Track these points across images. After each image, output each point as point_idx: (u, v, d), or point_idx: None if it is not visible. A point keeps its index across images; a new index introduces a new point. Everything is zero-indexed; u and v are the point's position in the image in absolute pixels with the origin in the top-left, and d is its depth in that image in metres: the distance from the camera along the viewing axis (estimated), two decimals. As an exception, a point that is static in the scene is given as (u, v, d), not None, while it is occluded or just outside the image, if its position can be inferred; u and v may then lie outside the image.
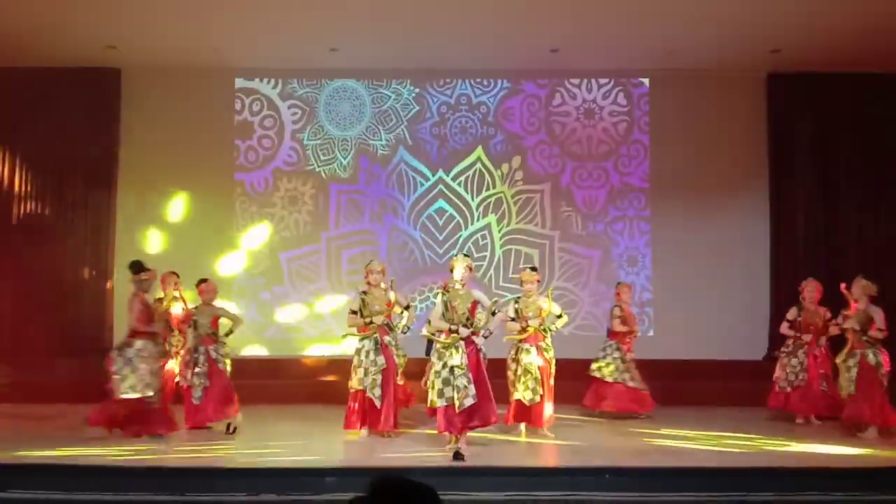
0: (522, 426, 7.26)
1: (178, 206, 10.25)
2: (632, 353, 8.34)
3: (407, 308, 8.46)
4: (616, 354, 8.24)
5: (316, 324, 10.21)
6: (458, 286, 6.61)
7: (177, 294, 7.86)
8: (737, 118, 10.41)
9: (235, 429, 7.32)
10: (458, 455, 6.08)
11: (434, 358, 6.54)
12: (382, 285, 7.37)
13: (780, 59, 9.76)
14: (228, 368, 7.43)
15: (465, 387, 6.22)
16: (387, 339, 7.20)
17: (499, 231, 10.41)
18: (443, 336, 6.52)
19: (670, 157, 10.33)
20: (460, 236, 10.39)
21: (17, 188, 10.05)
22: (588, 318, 10.11)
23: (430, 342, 8.10)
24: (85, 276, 10.05)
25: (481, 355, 6.56)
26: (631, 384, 8.19)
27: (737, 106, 10.40)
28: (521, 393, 7.09)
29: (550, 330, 7.33)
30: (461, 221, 10.41)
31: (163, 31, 9.07)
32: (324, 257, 10.34)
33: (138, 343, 6.89)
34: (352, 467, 6.01)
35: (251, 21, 8.83)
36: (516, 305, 7.34)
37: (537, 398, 7.06)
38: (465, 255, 6.97)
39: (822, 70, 10.06)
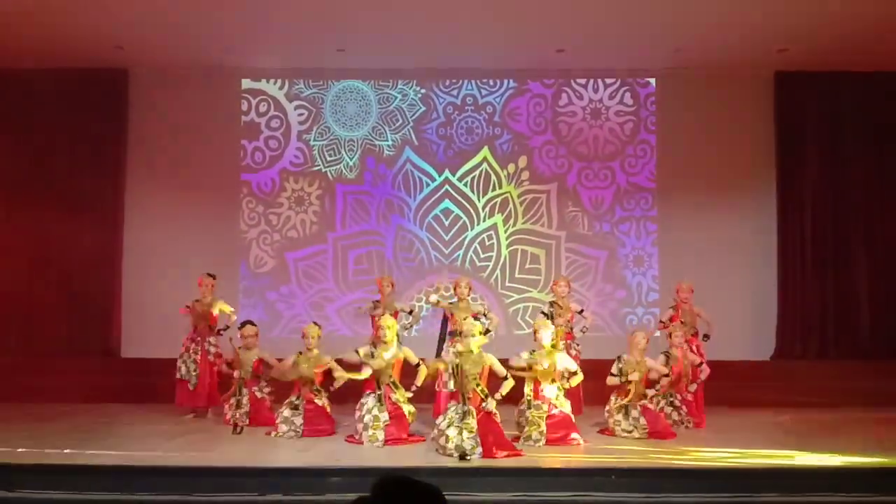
0: None
1: (185, 207, 10.26)
2: None
3: (411, 313, 8.51)
4: None
5: (322, 324, 10.18)
6: (470, 348, 6.57)
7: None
8: (744, 117, 10.37)
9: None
10: (463, 455, 6.08)
11: (442, 419, 6.45)
12: (392, 346, 7.14)
13: (788, 57, 9.73)
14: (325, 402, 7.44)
15: (473, 447, 6.13)
16: (393, 396, 6.94)
17: (505, 231, 10.41)
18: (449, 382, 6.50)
19: (677, 157, 10.31)
20: (466, 237, 10.39)
21: (24, 188, 10.08)
22: (595, 320, 10.06)
23: (444, 324, 8.09)
24: (93, 277, 10.07)
25: (493, 415, 6.45)
26: None
27: (744, 105, 10.36)
28: (524, 442, 6.75)
29: (563, 388, 7.08)
30: (467, 222, 10.41)
31: (170, 32, 9.10)
32: (330, 257, 10.36)
33: None
34: (357, 467, 6.00)
35: (258, 22, 8.84)
36: (530, 356, 7.03)
37: (542, 441, 6.80)
38: (475, 319, 6.90)
39: (830, 69, 10.02)
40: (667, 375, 7.65)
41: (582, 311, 8.45)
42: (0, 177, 10.07)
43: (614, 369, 7.43)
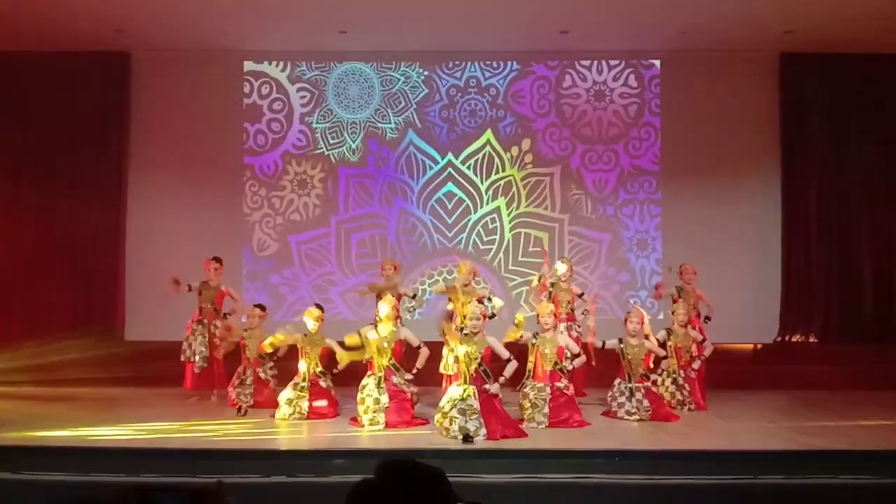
0: None
1: (188, 190, 10.24)
2: None
3: (414, 297, 8.50)
4: None
5: (325, 307, 10.17)
6: (472, 330, 6.59)
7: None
8: (748, 100, 10.31)
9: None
10: (467, 437, 6.10)
11: (445, 401, 6.48)
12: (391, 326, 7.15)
13: (793, 39, 9.65)
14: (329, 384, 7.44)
15: (477, 429, 6.17)
16: (394, 379, 6.93)
17: (508, 215, 10.38)
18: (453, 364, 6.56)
19: (681, 140, 10.26)
20: (469, 220, 10.37)
21: (27, 172, 10.08)
22: (598, 302, 10.04)
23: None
24: (96, 260, 10.09)
25: (496, 398, 6.50)
26: None
27: (749, 87, 10.29)
28: (527, 424, 6.77)
29: (566, 371, 7.12)
30: (470, 205, 10.38)
31: (172, 14, 9.05)
32: (333, 240, 10.35)
33: None
34: (361, 449, 6.03)
35: (260, 3, 8.79)
36: (534, 341, 7.07)
37: (545, 423, 6.82)
38: (479, 302, 6.90)
39: (836, 51, 9.94)
40: (664, 357, 7.70)
41: (583, 294, 8.47)
42: (2, 160, 10.07)
43: (609, 343, 7.49)
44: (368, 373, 7.06)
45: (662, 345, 7.77)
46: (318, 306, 7.70)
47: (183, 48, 10.03)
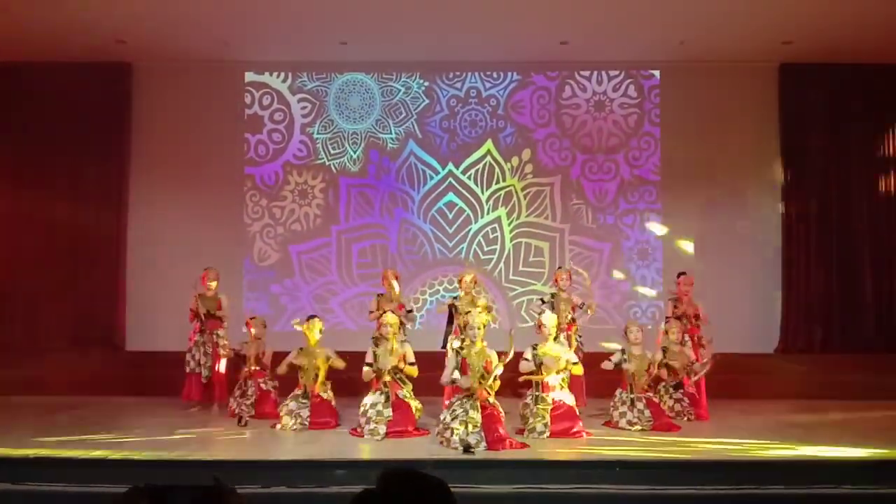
0: None
1: (189, 201, 10.25)
2: None
3: (409, 312, 8.48)
4: None
5: (326, 317, 10.18)
6: (474, 341, 6.62)
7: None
8: (748, 110, 10.34)
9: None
10: (467, 448, 6.09)
11: (446, 413, 6.50)
12: (396, 341, 7.15)
13: (793, 50, 9.69)
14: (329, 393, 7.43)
15: (478, 442, 6.17)
16: (400, 393, 6.95)
17: (508, 224, 10.40)
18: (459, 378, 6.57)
19: (681, 149, 10.28)
20: (470, 230, 10.39)
21: (29, 183, 10.10)
22: (598, 311, 10.03)
23: (446, 336, 8.08)
24: (97, 270, 10.09)
25: (498, 411, 6.52)
26: None
27: (748, 97, 10.33)
28: (528, 434, 6.78)
29: (565, 380, 7.12)
30: (471, 215, 10.40)
31: (173, 25, 9.09)
32: (334, 250, 10.36)
33: None
34: (362, 460, 6.02)
35: (261, 14, 8.83)
36: (534, 352, 7.07)
37: (546, 434, 6.81)
38: (481, 311, 6.92)
39: (835, 61, 9.98)
40: (666, 365, 7.70)
41: (583, 304, 8.45)
42: (5, 171, 10.10)
43: (614, 358, 7.49)
44: (373, 389, 7.04)
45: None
46: (316, 318, 7.69)
47: (184, 59, 10.07)
